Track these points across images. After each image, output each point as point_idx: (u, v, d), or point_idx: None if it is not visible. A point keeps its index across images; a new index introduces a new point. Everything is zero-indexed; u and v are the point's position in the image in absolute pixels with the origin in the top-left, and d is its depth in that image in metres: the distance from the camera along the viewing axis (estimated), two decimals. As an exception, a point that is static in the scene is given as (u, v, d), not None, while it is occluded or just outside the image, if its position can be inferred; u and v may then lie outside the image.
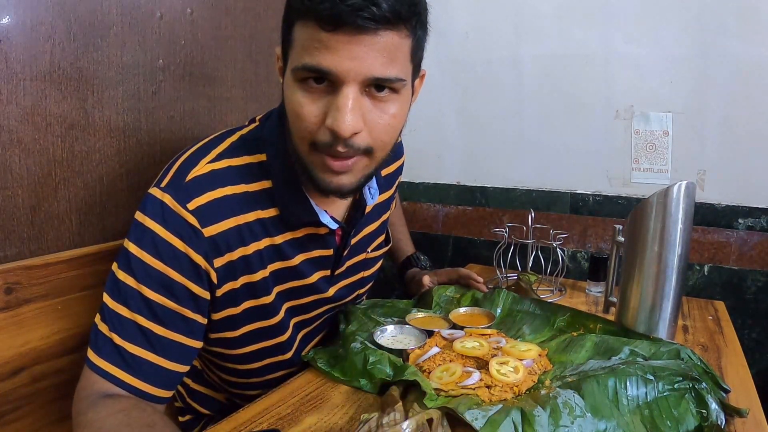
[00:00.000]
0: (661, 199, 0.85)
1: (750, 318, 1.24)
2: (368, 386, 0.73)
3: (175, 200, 0.65)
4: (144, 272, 0.65)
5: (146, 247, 0.65)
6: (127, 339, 0.64)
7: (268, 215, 0.72)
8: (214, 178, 0.69)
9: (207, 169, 0.69)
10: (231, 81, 1.19)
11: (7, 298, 0.79)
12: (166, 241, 0.65)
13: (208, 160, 0.70)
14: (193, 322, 0.68)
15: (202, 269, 0.67)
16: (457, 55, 1.45)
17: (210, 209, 0.67)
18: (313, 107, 0.62)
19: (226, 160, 0.71)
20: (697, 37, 1.20)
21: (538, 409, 0.61)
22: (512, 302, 0.99)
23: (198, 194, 0.66)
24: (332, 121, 0.61)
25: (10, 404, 0.80)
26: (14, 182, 0.83)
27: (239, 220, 0.70)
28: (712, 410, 0.62)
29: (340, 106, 0.60)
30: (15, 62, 0.81)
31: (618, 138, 1.32)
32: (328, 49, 0.59)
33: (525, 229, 1.24)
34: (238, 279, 0.72)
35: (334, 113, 0.61)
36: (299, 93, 0.63)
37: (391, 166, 0.94)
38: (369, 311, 0.93)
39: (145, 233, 0.65)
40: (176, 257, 0.65)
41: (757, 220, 1.22)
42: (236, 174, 0.71)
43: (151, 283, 0.65)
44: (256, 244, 0.72)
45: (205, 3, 1.11)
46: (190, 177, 0.67)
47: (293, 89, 0.63)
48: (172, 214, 0.65)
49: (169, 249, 0.65)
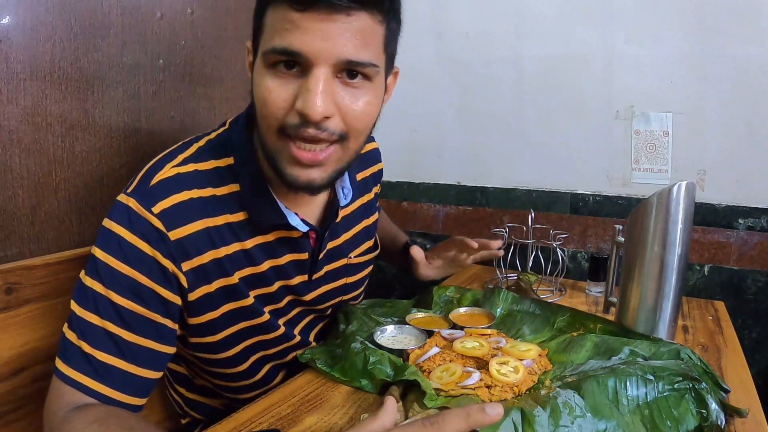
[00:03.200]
0: (661, 199, 0.85)
1: (750, 318, 1.24)
2: (368, 386, 0.73)
3: (140, 204, 0.64)
4: (111, 277, 0.63)
5: (113, 252, 0.64)
6: (96, 346, 0.62)
7: (237, 219, 0.71)
8: (180, 182, 0.67)
9: (172, 172, 0.68)
10: (231, 81, 1.19)
11: (7, 298, 0.79)
12: (132, 245, 0.64)
13: (173, 164, 0.69)
14: (163, 327, 0.67)
15: (170, 273, 0.66)
16: (457, 55, 1.45)
17: (175, 212, 0.66)
18: (281, 91, 0.60)
19: (193, 164, 0.70)
20: (697, 37, 1.21)
21: (538, 409, 0.61)
22: (512, 302, 0.99)
23: (163, 197, 0.65)
24: (302, 103, 0.59)
25: (10, 404, 0.80)
26: (14, 182, 0.83)
27: (207, 223, 0.68)
28: (712, 410, 0.62)
29: (311, 88, 0.58)
30: (15, 62, 0.81)
31: (618, 138, 1.32)
32: (299, 29, 0.57)
33: (525, 230, 1.24)
34: (213, 282, 0.70)
35: (305, 95, 0.59)
36: (268, 78, 0.61)
37: (366, 170, 0.93)
38: (369, 311, 0.93)
39: (112, 238, 0.64)
40: (143, 261, 0.64)
41: (757, 220, 1.22)
42: (203, 178, 0.69)
43: (119, 288, 0.63)
44: (226, 248, 0.70)
45: (205, 3, 1.11)
46: (155, 181, 0.66)
47: (262, 75, 0.61)
48: (137, 218, 0.64)
49: (136, 253, 0.64)
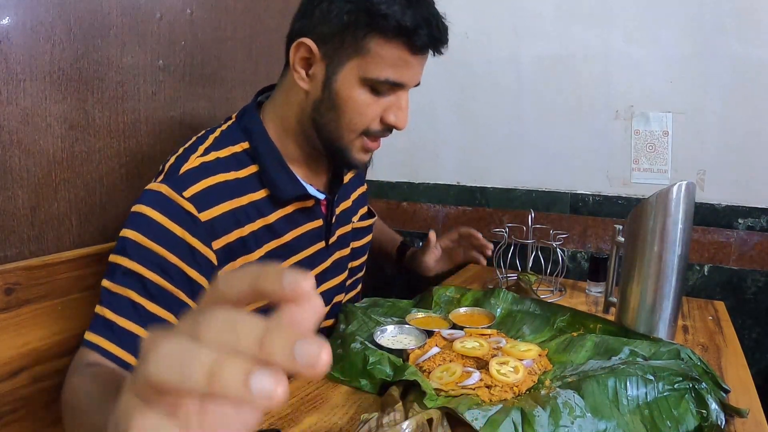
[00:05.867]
0: (661, 199, 0.85)
1: (750, 318, 1.24)
2: (368, 386, 0.73)
3: (172, 189, 0.69)
4: (139, 253, 0.67)
5: (143, 231, 0.68)
6: (119, 313, 0.66)
7: (259, 197, 0.78)
8: (206, 169, 0.74)
9: (197, 162, 0.74)
10: (231, 81, 1.19)
11: (7, 299, 0.79)
12: (163, 226, 0.68)
13: (197, 156, 0.75)
14: (185, 306, 0.69)
15: (200, 254, 0.70)
16: (456, 55, 1.44)
17: (205, 195, 0.71)
18: (377, 107, 0.76)
19: (214, 153, 0.77)
20: (697, 37, 1.20)
21: (538, 409, 0.61)
22: (512, 302, 0.99)
23: (192, 183, 0.71)
24: (395, 119, 0.77)
25: (9, 405, 0.79)
26: (14, 183, 0.83)
27: (233, 204, 0.75)
28: (712, 410, 0.62)
29: (403, 108, 0.77)
30: (15, 63, 0.81)
31: (618, 138, 1.32)
32: (410, 67, 0.74)
33: (525, 230, 1.24)
34: (237, 260, 0.75)
35: (397, 112, 0.76)
36: (367, 95, 0.75)
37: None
38: (369, 311, 0.93)
39: (142, 220, 0.68)
40: (173, 241, 0.68)
41: (757, 220, 1.22)
42: (225, 164, 0.76)
43: (146, 262, 0.67)
44: (251, 225, 0.76)
45: (205, 3, 1.11)
46: (183, 170, 0.72)
47: (358, 90, 0.75)
48: (169, 202, 0.69)
49: (166, 233, 0.68)
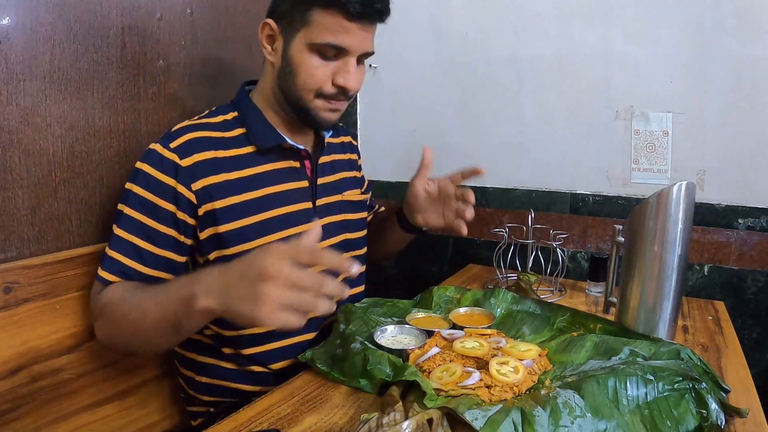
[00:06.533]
0: (661, 199, 0.85)
1: (750, 318, 1.24)
2: (368, 386, 0.73)
3: (161, 145, 0.84)
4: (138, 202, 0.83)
5: (140, 183, 0.83)
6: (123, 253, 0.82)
7: (246, 152, 0.90)
8: (193, 127, 0.88)
9: (187, 123, 0.89)
10: (231, 81, 1.19)
11: (5, 298, 0.79)
12: (154, 177, 0.83)
13: (189, 121, 0.90)
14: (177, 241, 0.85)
15: (182, 196, 0.83)
16: (456, 55, 1.45)
17: (188, 146, 0.85)
18: (325, 69, 0.86)
19: (205, 119, 0.91)
20: (697, 37, 1.20)
21: (538, 409, 0.61)
22: (512, 302, 0.99)
23: (178, 137, 0.85)
24: (344, 80, 0.86)
25: (8, 403, 0.80)
26: (14, 183, 0.83)
27: (217, 153, 0.87)
28: (712, 410, 0.62)
29: (350, 71, 0.86)
30: (15, 63, 0.81)
31: (618, 138, 1.32)
32: (348, 32, 0.83)
33: (525, 230, 1.24)
34: (216, 201, 0.85)
35: (345, 75, 0.86)
36: (315, 58, 0.85)
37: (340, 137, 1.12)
38: (369, 311, 0.93)
39: (140, 174, 0.84)
40: (162, 188, 0.83)
41: (757, 220, 1.22)
42: (213, 126, 0.90)
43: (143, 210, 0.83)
44: (235, 173, 0.87)
45: (205, 3, 1.12)
46: (174, 130, 0.87)
47: (307, 55, 0.85)
48: (159, 156, 0.84)
49: (156, 183, 0.83)
